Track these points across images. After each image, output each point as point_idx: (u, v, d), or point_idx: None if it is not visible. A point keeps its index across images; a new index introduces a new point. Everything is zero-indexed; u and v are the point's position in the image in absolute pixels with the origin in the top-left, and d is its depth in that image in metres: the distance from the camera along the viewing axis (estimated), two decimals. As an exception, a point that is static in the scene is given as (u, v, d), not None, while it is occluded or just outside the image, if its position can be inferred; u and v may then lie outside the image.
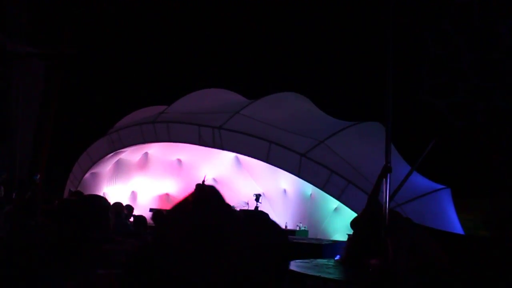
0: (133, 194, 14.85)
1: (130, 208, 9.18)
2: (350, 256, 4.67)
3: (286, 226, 12.05)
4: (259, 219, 1.13)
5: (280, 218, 11.56)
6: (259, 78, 18.61)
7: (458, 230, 10.49)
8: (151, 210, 12.82)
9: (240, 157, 13.19)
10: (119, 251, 1.98)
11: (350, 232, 5.26)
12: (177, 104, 13.54)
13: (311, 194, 12.67)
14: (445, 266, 4.13)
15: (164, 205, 14.01)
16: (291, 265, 3.37)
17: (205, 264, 0.94)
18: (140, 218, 7.51)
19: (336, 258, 6.48)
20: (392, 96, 4.59)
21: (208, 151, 12.85)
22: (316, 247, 9.22)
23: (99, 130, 14.64)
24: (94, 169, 14.53)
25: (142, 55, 20.16)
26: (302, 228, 11.94)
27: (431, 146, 5.72)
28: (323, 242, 9.96)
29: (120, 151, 14.13)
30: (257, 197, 11.90)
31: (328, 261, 5.14)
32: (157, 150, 14.63)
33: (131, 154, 14.67)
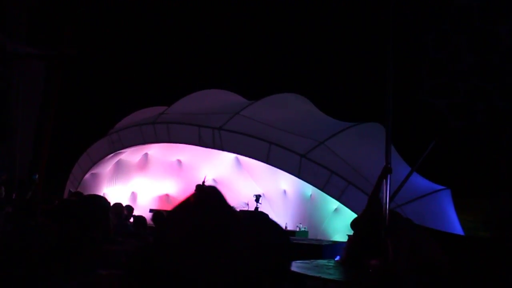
0: (133, 195, 14.85)
1: (130, 208, 9.18)
2: (350, 257, 4.67)
3: (286, 227, 12.04)
4: (260, 219, 1.13)
5: (280, 219, 11.55)
6: (259, 79, 18.61)
7: (458, 231, 10.48)
8: (151, 210, 12.82)
9: (240, 158, 13.19)
10: (120, 252, 1.98)
11: (350, 233, 5.26)
12: (177, 105, 13.54)
13: (311, 195, 12.66)
14: (445, 267, 4.13)
15: (164, 206, 14.01)
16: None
17: (206, 265, 0.94)
18: (140, 218, 7.50)
19: (336, 258, 6.48)
20: (392, 96, 4.59)
21: (208, 152, 12.85)
22: (316, 247, 9.22)
23: (99, 131, 14.64)
24: (94, 170, 14.53)
25: (142, 56, 20.17)
26: (302, 229, 11.94)
27: (431, 147, 5.73)
28: (323, 243, 9.96)
29: (120, 152, 14.13)
30: (257, 197, 11.89)
31: (328, 262, 5.14)
32: (157, 151, 14.63)
33: (131, 155, 14.67)
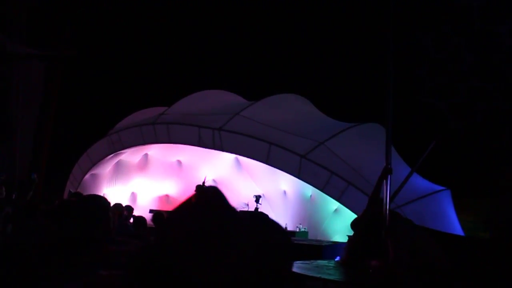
0: (133, 195, 14.85)
1: (130, 209, 9.18)
2: (350, 257, 4.66)
3: (286, 228, 12.05)
4: (261, 219, 1.13)
5: (280, 220, 11.41)
6: (259, 80, 18.62)
7: (458, 231, 10.48)
8: (151, 211, 12.82)
9: (240, 158, 13.19)
10: (121, 252, 1.98)
11: (350, 234, 5.26)
12: (177, 105, 13.55)
13: (311, 195, 12.67)
14: (445, 267, 4.13)
15: (164, 206, 14.01)
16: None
17: (208, 265, 0.94)
18: (140, 219, 7.49)
19: (336, 259, 6.48)
20: (392, 97, 4.59)
21: (208, 153, 12.85)
22: (316, 248, 9.23)
23: (99, 131, 14.64)
24: (94, 170, 14.53)
25: (142, 56, 20.16)
26: (302, 229, 11.94)
27: (431, 148, 5.73)
28: (323, 243, 9.96)
29: (120, 152, 14.13)
30: (257, 198, 11.88)
31: (328, 262, 5.13)
32: (157, 151, 14.64)
33: (131, 155, 14.67)
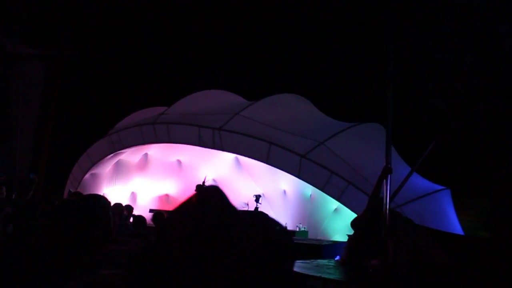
0: (133, 195, 14.85)
1: (129, 208, 9.19)
2: (350, 257, 4.67)
3: (286, 227, 12.04)
4: (262, 219, 1.13)
5: (280, 219, 11.46)
6: (259, 80, 18.63)
7: (458, 231, 10.49)
8: (151, 211, 12.83)
9: (240, 158, 13.19)
10: (122, 251, 1.98)
11: (350, 233, 5.26)
12: (177, 105, 13.55)
13: (311, 195, 12.66)
14: (445, 267, 4.13)
15: (164, 206, 14.01)
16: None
17: (209, 265, 0.94)
18: (139, 218, 7.51)
19: (336, 258, 6.48)
20: (392, 97, 4.59)
21: (208, 152, 12.85)
22: (316, 247, 9.24)
23: (99, 131, 14.65)
24: (94, 170, 14.53)
25: (142, 56, 20.17)
26: (302, 228, 11.94)
27: (431, 147, 5.73)
28: (323, 243, 9.97)
29: (120, 152, 14.13)
30: (257, 198, 11.88)
31: (328, 262, 5.14)
32: (157, 151, 14.64)
33: (131, 155, 14.67)
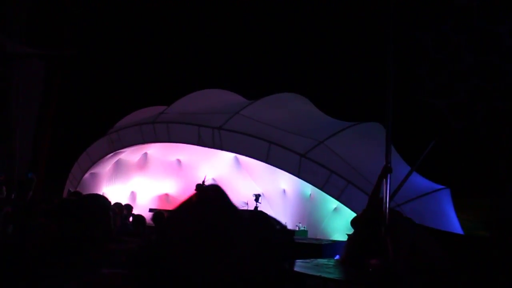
0: (133, 194, 14.85)
1: (129, 207, 9.20)
2: (350, 256, 4.67)
3: (286, 226, 12.02)
4: (262, 218, 1.13)
5: (279, 218, 11.49)
6: (259, 79, 18.63)
7: (458, 230, 10.49)
8: (150, 210, 12.82)
9: (240, 157, 13.19)
10: (122, 251, 1.98)
11: (349, 232, 5.26)
12: (177, 104, 13.54)
13: (310, 194, 12.67)
14: (445, 267, 4.13)
15: (163, 206, 14.01)
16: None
17: (210, 264, 0.94)
18: (139, 217, 7.53)
19: (335, 257, 6.48)
20: (392, 96, 4.59)
21: (207, 152, 12.85)
22: (316, 247, 9.24)
23: (99, 130, 14.65)
24: (93, 169, 14.53)
25: (142, 56, 20.17)
26: (302, 228, 11.94)
27: (431, 147, 5.73)
28: (323, 242, 9.97)
29: (119, 151, 14.13)
30: (257, 197, 11.89)
31: (328, 261, 5.14)
32: (156, 151, 14.63)
33: (130, 154, 14.67)
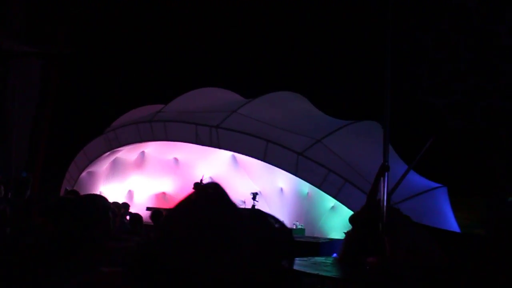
0: (130, 193, 14.83)
1: (126, 206, 9.21)
2: (348, 253, 4.68)
3: (284, 224, 12.02)
4: (262, 216, 1.13)
5: (277, 217, 11.53)
6: (256, 77, 18.61)
7: (455, 228, 10.52)
8: (148, 208, 12.81)
9: (237, 156, 13.18)
10: (121, 249, 1.98)
11: (346, 230, 5.27)
12: (174, 103, 13.52)
13: (307, 192, 12.67)
14: (444, 265, 4.14)
15: (161, 204, 14.00)
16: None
17: (210, 262, 0.94)
18: (136, 216, 7.56)
19: (333, 256, 6.50)
20: (390, 95, 4.60)
21: (205, 150, 12.83)
22: (313, 245, 9.25)
23: (96, 129, 14.61)
24: (90, 168, 14.49)
25: (139, 54, 20.12)
26: (299, 226, 11.95)
27: (428, 145, 5.75)
28: (320, 240, 9.99)
29: (116, 150, 14.10)
30: (254, 195, 11.89)
31: (325, 259, 5.15)
32: (153, 149, 14.61)
33: (127, 153, 14.64)
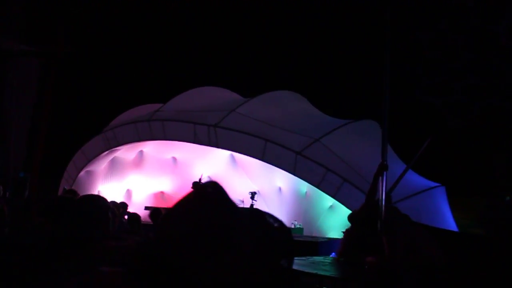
0: (128, 192, 14.82)
1: (124, 205, 9.20)
2: (346, 249, 4.69)
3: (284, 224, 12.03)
4: (261, 215, 1.13)
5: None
6: (255, 77, 18.61)
7: (453, 227, 10.54)
8: (146, 208, 12.80)
9: (235, 155, 13.18)
10: (121, 248, 1.98)
11: (344, 230, 5.28)
12: (172, 102, 13.51)
13: (306, 192, 12.69)
14: (442, 265, 4.14)
15: (159, 203, 14.00)
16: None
17: (209, 262, 0.95)
18: (134, 215, 7.56)
19: (331, 255, 6.51)
20: (389, 94, 4.61)
21: (203, 149, 12.83)
22: (312, 244, 9.25)
23: (94, 128, 14.61)
24: (89, 167, 14.49)
25: (138, 53, 20.11)
26: (297, 225, 11.97)
27: (427, 145, 5.75)
28: (319, 240, 9.99)
29: (115, 149, 14.09)
30: (253, 195, 11.89)
31: (324, 259, 5.16)
32: (152, 148, 14.60)
33: (126, 152, 14.63)
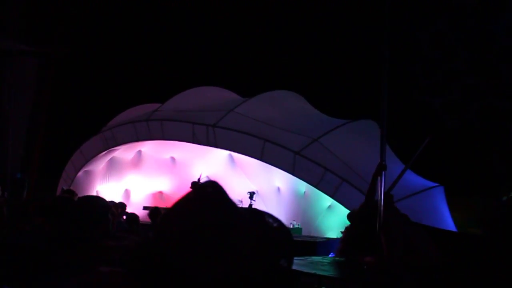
0: (127, 192, 14.80)
1: (123, 205, 9.20)
2: (345, 247, 4.70)
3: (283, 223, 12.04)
4: (261, 215, 1.13)
5: (274, 216, 11.54)
6: (253, 76, 18.61)
7: (451, 227, 10.56)
8: (144, 208, 12.79)
9: (234, 155, 13.18)
10: (121, 247, 1.98)
11: (343, 230, 5.30)
12: (171, 102, 13.51)
13: (304, 192, 12.69)
14: (440, 264, 4.15)
15: (157, 203, 13.97)
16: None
17: (209, 261, 0.94)
18: (132, 215, 7.60)
19: (330, 255, 6.51)
20: (387, 94, 4.61)
21: (201, 149, 12.83)
22: (310, 244, 9.27)
23: (93, 128, 14.58)
24: (87, 167, 14.46)
25: (136, 53, 20.09)
26: (296, 225, 11.97)
27: (425, 144, 5.76)
28: (317, 240, 10.01)
29: (113, 149, 14.07)
30: (251, 195, 11.88)
31: (323, 259, 5.16)
32: (150, 148, 14.59)
33: (124, 152, 14.62)
